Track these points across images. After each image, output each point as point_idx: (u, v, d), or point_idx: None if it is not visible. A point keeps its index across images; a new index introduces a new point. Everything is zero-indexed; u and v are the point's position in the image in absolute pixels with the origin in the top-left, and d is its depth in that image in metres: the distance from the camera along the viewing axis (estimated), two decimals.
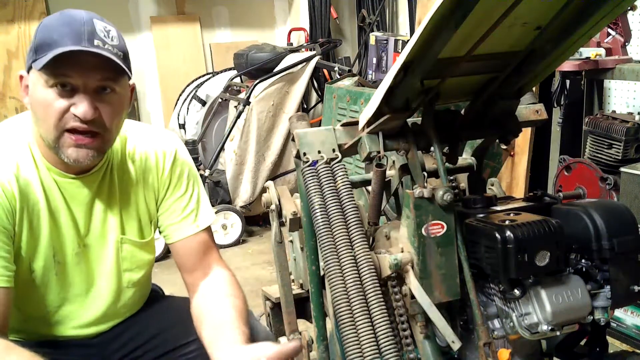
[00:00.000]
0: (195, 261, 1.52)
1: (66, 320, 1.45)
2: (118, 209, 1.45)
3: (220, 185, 4.14)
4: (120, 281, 1.48)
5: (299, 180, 1.28)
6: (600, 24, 1.16)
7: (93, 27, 1.26)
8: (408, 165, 1.27)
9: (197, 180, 1.56)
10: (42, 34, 1.26)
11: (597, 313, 1.22)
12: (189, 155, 1.57)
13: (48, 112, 1.27)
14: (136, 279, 1.51)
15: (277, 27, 5.61)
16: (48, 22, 1.28)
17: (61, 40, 1.23)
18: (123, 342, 1.52)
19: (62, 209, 1.38)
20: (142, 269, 1.52)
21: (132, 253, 1.48)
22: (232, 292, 1.46)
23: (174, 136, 1.56)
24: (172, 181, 1.51)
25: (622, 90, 3.09)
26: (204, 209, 1.55)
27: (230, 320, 1.35)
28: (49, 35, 1.24)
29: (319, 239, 1.18)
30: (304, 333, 1.64)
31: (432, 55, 1.06)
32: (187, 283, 1.53)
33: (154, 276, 1.66)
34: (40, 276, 1.38)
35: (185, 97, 4.74)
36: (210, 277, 1.51)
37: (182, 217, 1.51)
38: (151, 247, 1.55)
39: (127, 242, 1.47)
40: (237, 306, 1.41)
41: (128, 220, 1.47)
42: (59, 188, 1.37)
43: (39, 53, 1.25)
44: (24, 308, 1.40)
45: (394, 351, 1.11)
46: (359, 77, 3.86)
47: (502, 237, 1.12)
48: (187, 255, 1.52)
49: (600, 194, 2.49)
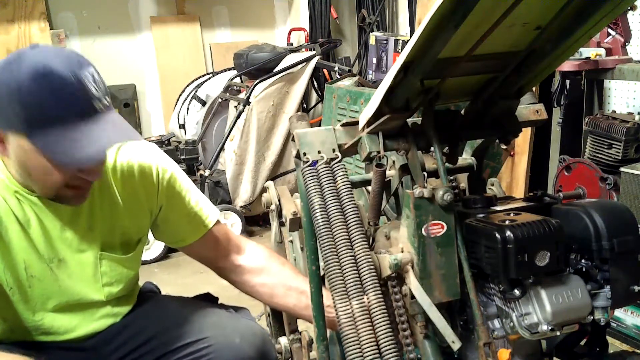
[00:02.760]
0: (222, 249, 1.56)
1: (51, 330, 1.43)
2: (99, 225, 1.42)
3: (220, 185, 4.14)
4: (98, 293, 1.45)
5: (299, 180, 1.28)
6: (600, 24, 1.16)
7: (86, 84, 1.19)
8: (408, 165, 1.27)
9: (189, 185, 1.55)
10: (28, 101, 1.16)
11: (597, 313, 1.22)
12: (173, 163, 1.53)
13: (49, 179, 1.25)
14: (115, 291, 1.48)
15: (277, 27, 5.61)
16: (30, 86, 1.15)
17: (65, 114, 1.17)
18: (119, 344, 1.50)
19: (34, 224, 1.35)
20: (122, 282, 1.49)
21: (112, 267, 1.46)
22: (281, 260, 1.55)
23: (152, 148, 1.52)
24: (167, 197, 1.50)
25: (622, 90, 3.09)
26: (206, 208, 1.56)
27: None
28: (40, 109, 1.16)
29: (319, 239, 1.18)
30: (304, 333, 1.64)
31: (432, 55, 1.06)
32: (222, 268, 1.58)
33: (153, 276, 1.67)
34: (16, 289, 1.36)
35: (185, 97, 4.74)
36: (248, 252, 1.58)
37: (188, 222, 1.53)
38: (135, 262, 1.53)
39: (106, 258, 1.44)
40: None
41: (111, 237, 1.44)
42: (32, 202, 1.34)
43: (33, 127, 1.17)
44: (8, 319, 1.38)
45: (394, 351, 1.11)
46: (359, 77, 3.86)
47: (502, 237, 1.12)
48: (209, 250, 1.56)
49: (600, 194, 2.49)
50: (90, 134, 1.20)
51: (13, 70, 1.17)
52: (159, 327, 1.51)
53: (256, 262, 1.60)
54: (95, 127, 1.20)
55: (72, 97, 1.18)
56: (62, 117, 1.18)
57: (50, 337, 1.44)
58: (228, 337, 1.46)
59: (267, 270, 1.59)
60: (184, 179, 1.55)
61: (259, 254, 1.62)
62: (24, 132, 1.20)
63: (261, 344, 1.51)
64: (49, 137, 1.18)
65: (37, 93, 1.16)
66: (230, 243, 1.60)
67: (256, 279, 1.59)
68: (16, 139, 1.22)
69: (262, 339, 1.52)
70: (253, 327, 1.54)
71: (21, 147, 1.23)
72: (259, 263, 1.60)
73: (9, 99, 1.17)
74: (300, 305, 1.53)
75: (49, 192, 1.30)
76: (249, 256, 1.61)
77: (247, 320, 1.56)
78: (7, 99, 1.17)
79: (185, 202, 1.53)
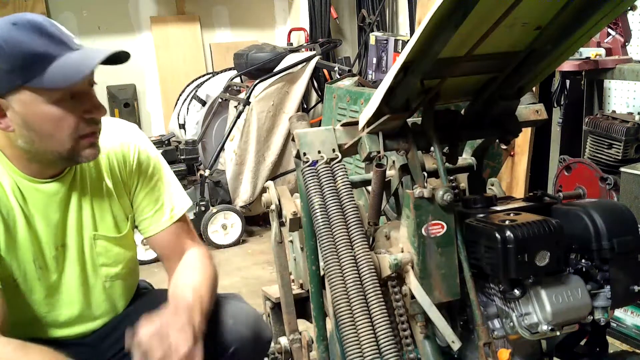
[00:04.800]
0: (171, 250, 1.55)
1: (55, 322, 1.45)
2: (90, 205, 1.45)
3: (220, 185, 4.14)
4: (97, 276, 1.48)
5: (299, 180, 1.28)
6: (600, 24, 1.16)
7: (58, 27, 1.26)
8: (408, 165, 1.27)
9: (164, 170, 1.56)
10: (17, 50, 1.20)
11: (597, 313, 1.22)
12: (153, 147, 1.56)
13: (60, 127, 1.26)
14: (114, 272, 1.50)
15: (277, 27, 5.61)
16: (13, 37, 1.21)
17: (50, 50, 1.22)
18: (116, 339, 1.51)
19: (37, 213, 1.37)
20: (120, 263, 1.51)
21: (106, 248, 1.48)
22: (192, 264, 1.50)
23: (133, 128, 1.55)
24: (141, 177, 1.51)
25: (622, 90, 3.09)
26: (176, 198, 1.56)
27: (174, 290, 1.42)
28: (30, 50, 1.21)
29: (319, 239, 1.18)
30: (304, 333, 1.64)
31: (432, 55, 1.06)
32: (166, 269, 1.56)
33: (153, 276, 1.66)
34: (23, 282, 1.38)
35: (185, 97, 4.74)
36: (182, 258, 1.54)
37: (154, 210, 1.52)
38: (129, 242, 1.54)
39: (100, 238, 1.47)
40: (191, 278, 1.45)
41: (102, 216, 1.47)
42: (33, 193, 1.36)
43: (29, 71, 1.21)
44: (11, 314, 1.38)
45: (394, 351, 1.11)
46: (359, 77, 3.86)
47: (502, 237, 1.12)
48: (163, 247, 1.55)
49: (600, 194, 2.49)
50: (80, 54, 1.25)
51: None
52: None
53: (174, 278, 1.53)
54: (82, 52, 1.26)
55: (51, 34, 1.24)
56: (48, 54, 1.22)
57: (52, 331, 1.45)
58: (221, 319, 1.46)
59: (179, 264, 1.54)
60: (161, 166, 1.55)
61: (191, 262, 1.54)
62: (20, 83, 1.22)
63: (255, 324, 1.51)
64: (46, 74, 1.21)
65: (17, 39, 1.21)
66: (178, 245, 1.56)
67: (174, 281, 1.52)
68: (16, 97, 1.24)
69: (255, 319, 1.52)
70: (245, 308, 1.54)
71: (24, 103, 1.24)
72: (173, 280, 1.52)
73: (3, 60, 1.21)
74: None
75: (65, 145, 1.29)
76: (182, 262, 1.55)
77: (238, 302, 1.56)
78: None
79: (154, 189, 1.53)
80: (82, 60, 1.24)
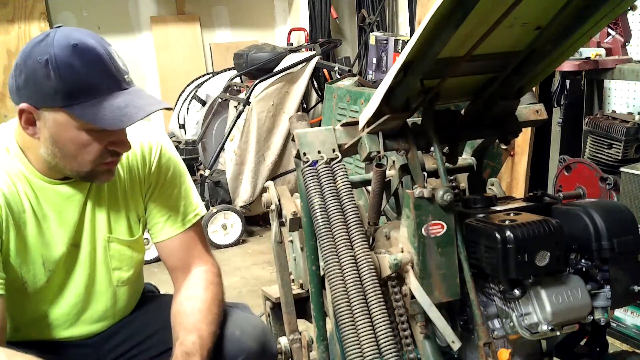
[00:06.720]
0: (178, 260, 1.52)
1: (61, 324, 1.45)
2: (106, 207, 1.44)
3: (220, 185, 4.14)
4: (110, 280, 1.47)
5: (299, 180, 1.28)
6: (600, 24, 1.16)
7: (115, 60, 1.27)
8: (408, 165, 1.27)
9: (184, 176, 1.54)
10: (70, 77, 1.21)
11: (597, 313, 1.22)
12: (175, 149, 1.55)
13: (84, 152, 1.28)
14: (126, 277, 1.50)
15: (277, 27, 5.61)
16: (70, 61, 1.21)
17: (101, 86, 1.23)
18: (119, 342, 1.51)
19: (51, 215, 1.37)
20: (132, 267, 1.51)
21: (120, 251, 1.47)
22: (197, 294, 1.45)
23: (158, 129, 1.54)
24: (160, 180, 1.49)
25: (622, 90, 3.09)
26: (192, 206, 1.53)
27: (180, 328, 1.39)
28: (82, 81, 1.22)
29: (319, 239, 1.18)
30: (304, 333, 1.64)
31: (432, 55, 1.06)
32: (172, 279, 1.54)
33: (153, 276, 1.66)
34: (32, 285, 1.37)
35: (185, 97, 4.73)
36: (188, 277, 1.50)
37: (168, 215, 1.50)
38: (140, 245, 1.53)
39: (114, 241, 1.46)
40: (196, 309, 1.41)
41: (117, 219, 1.46)
42: (50, 193, 1.36)
43: (74, 99, 1.22)
44: (16, 316, 1.39)
45: (394, 351, 1.11)
46: (359, 77, 3.85)
47: (502, 237, 1.12)
48: (171, 255, 1.52)
49: (600, 194, 2.49)
50: (126, 99, 1.26)
51: (46, 47, 1.22)
52: (158, 324, 1.51)
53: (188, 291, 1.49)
54: (128, 97, 1.27)
55: (107, 69, 1.24)
56: (98, 88, 1.23)
57: (56, 332, 1.45)
58: (228, 330, 1.45)
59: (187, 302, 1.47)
60: (182, 170, 1.53)
61: (196, 283, 1.50)
62: (61, 105, 1.23)
63: (261, 336, 1.50)
64: (87, 106, 1.22)
65: (74, 66, 1.21)
66: (185, 258, 1.52)
67: (176, 305, 1.48)
68: (52, 115, 1.25)
69: (262, 331, 1.52)
70: (253, 320, 1.54)
71: (57, 122, 1.25)
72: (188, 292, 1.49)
73: (44, 74, 1.21)
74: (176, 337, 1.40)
75: (83, 168, 1.31)
76: (187, 282, 1.52)
77: (246, 314, 1.55)
78: (42, 73, 1.21)
79: (172, 193, 1.51)
80: (126, 110, 1.24)
